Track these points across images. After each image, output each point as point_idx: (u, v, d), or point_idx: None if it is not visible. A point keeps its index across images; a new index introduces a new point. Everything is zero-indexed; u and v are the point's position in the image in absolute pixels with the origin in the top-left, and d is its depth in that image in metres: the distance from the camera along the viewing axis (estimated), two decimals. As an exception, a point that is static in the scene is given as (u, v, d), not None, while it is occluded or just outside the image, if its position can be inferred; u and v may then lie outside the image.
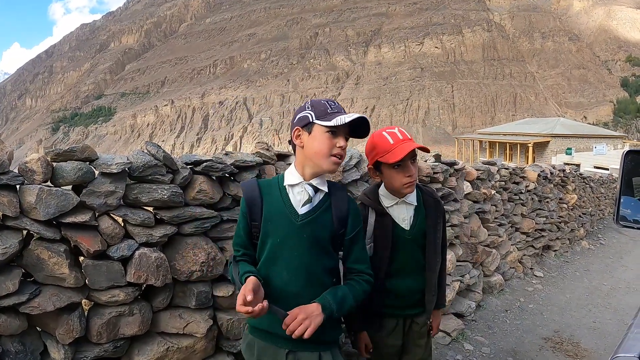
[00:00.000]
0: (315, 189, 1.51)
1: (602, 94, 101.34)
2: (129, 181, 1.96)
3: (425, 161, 3.53)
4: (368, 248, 1.76)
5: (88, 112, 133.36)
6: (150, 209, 2.01)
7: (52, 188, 1.75)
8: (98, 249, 1.83)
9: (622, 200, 1.38)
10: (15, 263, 1.77)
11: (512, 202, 5.51)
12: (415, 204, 1.85)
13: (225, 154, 2.28)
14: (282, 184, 1.54)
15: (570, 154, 27.76)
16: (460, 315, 3.91)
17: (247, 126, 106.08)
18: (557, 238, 6.94)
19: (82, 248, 1.82)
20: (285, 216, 1.49)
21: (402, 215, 1.83)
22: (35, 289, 1.75)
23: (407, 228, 1.82)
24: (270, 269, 1.51)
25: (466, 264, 4.10)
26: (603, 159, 24.54)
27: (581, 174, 9.05)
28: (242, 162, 2.21)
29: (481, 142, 36.48)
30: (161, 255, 1.98)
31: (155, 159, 1.97)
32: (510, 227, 5.52)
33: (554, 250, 6.83)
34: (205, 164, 2.09)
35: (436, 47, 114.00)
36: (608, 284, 5.66)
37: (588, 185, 9.46)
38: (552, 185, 6.85)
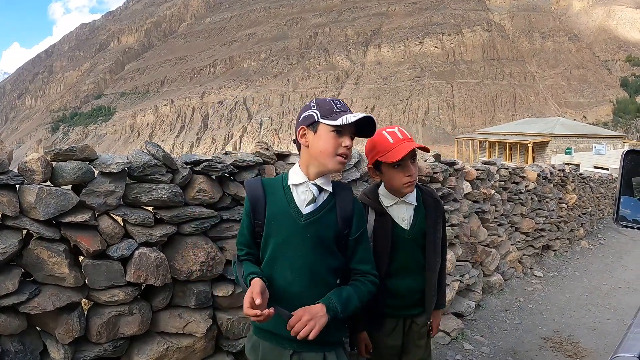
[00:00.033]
0: (320, 188, 1.50)
1: (601, 93, 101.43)
2: (128, 181, 1.96)
3: (425, 161, 3.52)
4: None
5: (88, 111, 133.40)
6: (150, 208, 2.01)
7: (52, 188, 1.75)
8: (98, 248, 1.83)
9: (621, 200, 1.38)
10: (15, 263, 1.76)
11: (512, 202, 5.51)
12: (415, 204, 1.84)
13: (225, 153, 2.28)
14: (286, 183, 1.52)
15: (570, 153, 27.75)
16: (459, 315, 3.91)
17: (246, 126, 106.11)
18: (556, 238, 6.94)
19: (82, 248, 1.82)
20: (289, 216, 1.48)
21: (402, 215, 1.82)
22: (34, 289, 1.75)
23: (407, 228, 1.81)
24: (273, 268, 1.50)
25: (466, 264, 4.10)
26: (603, 158, 24.52)
27: (581, 174, 9.05)
28: (242, 162, 2.21)
29: (481, 142, 36.49)
30: (161, 254, 1.98)
31: (155, 158, 1.97)
32: (510, 226, 5.51)
33: (554, 250, 6.83)
34: (204, 163, 2.08)
35: (436, 47, 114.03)
36: (608, 284, 5.66)
37: (588, 185, 9.46)
38: (551, 185, 6.85)
